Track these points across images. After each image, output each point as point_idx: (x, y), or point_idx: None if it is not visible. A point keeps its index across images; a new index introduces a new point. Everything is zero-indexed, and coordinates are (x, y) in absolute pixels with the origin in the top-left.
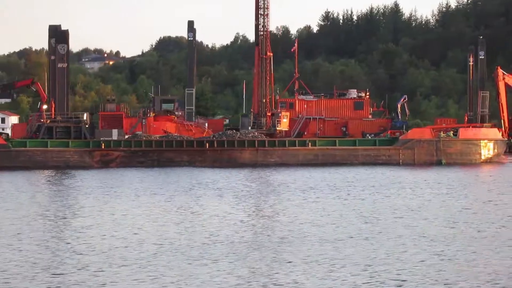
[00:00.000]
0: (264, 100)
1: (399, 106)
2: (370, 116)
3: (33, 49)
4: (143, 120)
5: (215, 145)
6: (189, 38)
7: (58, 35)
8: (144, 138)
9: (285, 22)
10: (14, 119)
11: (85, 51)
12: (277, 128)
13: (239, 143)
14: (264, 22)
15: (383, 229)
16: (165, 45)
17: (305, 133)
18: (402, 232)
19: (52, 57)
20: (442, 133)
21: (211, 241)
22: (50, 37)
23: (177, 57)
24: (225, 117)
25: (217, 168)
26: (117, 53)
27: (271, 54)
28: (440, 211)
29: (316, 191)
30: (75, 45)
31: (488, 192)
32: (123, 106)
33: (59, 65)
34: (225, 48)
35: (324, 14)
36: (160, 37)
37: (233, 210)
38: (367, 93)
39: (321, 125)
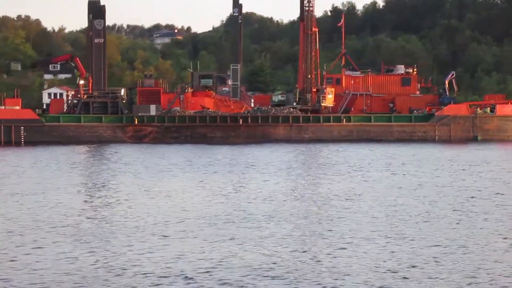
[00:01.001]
0: (309, 76)
1: (446, 82)
2: (417, 92)
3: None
4: (181, 96)
5: (249, 121)
6: (234, 14)
7: (95, 10)
8: (177, 113)
9: None
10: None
11: (157, 27)
12: (322, 104)
13: (273, 119)
14: None
15: None
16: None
17: (352, 109)
18: None
19: (90, 33)
20: (478, 109)
21: None
22: (88, 13)
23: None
24: (283, 92)
25: (251, 143)
26: (188, 28)
27: (316, 29)
28: None
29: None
30: (147, 21)
31: None
32: (161, 81)
33: (96, 40)
34: (291, 24)
35: None
36: (231, 13)
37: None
38: (415, 69)
39: (368, 101)
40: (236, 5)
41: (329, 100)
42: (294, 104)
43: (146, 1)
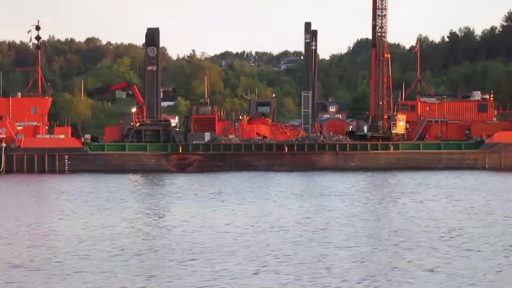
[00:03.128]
0: (380, 103)
1: None
2: (494, 119)
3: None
4: (236, 123)
5: (295, 148)
6: (306, 40)
7: (148, 37)
8: (223, 141)
9: (467, 23)
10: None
11: (284, 54)
12: (393, 131)
13: (319, 147)
14: (382, 23)
15: None
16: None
17: (427, 136)
18: None
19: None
20: None
21: None
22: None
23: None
24: None
25: (295, 172)
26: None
27: (389, 55)
28: None
29: None
30: (275, 48)
31: None
32: (217, 109)
33: (149, 68)
34: (407, 50)
35: (507, 15)
36: (358, 39)
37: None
38: (491, 95)
39: (444, 128)
40: (308, 31)
41: (400, 127)
42: (365, 131)
43: (275, 28)
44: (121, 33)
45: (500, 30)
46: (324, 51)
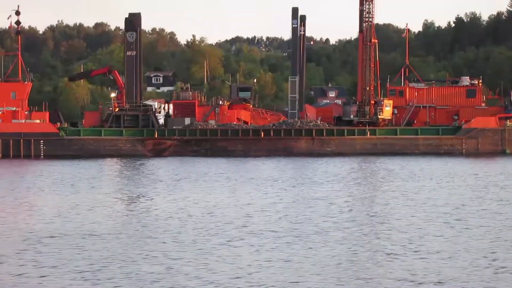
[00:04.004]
0: (367, 88)
1: (511, 93)
2: (483, 104)
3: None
4: (216, 109)
5: (271, 134)
6: (293, 25)
7: (127, 22)
8: (199, 126)
9: (474, 8)
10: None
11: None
12: (379, 117)
13: (296, 132)
14: (369, 8)
15: None
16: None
17: (415, 121)
18: None
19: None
20: (508, 122)
21: None
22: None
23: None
24: None
25: (272, 157)
26: (327, 40)
27: (376, 41)
28: None
29: None
30: (287, 33)
31: None
32: (197, 94)
33: (128, 53)
34: (416, 35)
35: None
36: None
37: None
38: (480, 81)
39: (432, 113)
40: (295, 16)
41: (386, 112)
42: (352, 116)
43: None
44: None
45: (506, 15)
46: (335, 35)
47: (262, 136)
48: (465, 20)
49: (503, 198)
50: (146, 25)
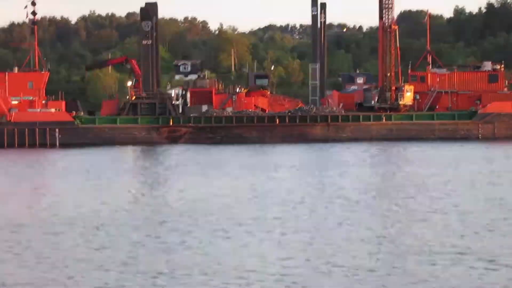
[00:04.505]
0: (388, 74)
1: None
2: (505, 89)
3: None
4: (233, 96)
5: (287, 120)
6: (313, 13)
7: (142, 12)
8: (214, 114)
9: None
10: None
11: (329, 26)
12: (400, 102)
13: (311, 118)
14: None
15: None
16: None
17: (437, 106)
18: None
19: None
20: None
21: None
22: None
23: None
24: None
25: (287, 144)
26: (360, 28)
27: (396, 27)
28: None
29: None
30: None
31: None
32: (215, 82)
33: (144, 42)
34: (448, 21)
35: None
36: (401, 11)
37: None
38: (502, 66)
39: (454, 99)
40: (315, 3)
41: (407, 98)
42: (373, 102)
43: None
44: (164, 6)
45: None
46: (367, 22)
47: (277, 123)
48: (496, 6)
49: None
50: (178, 13)
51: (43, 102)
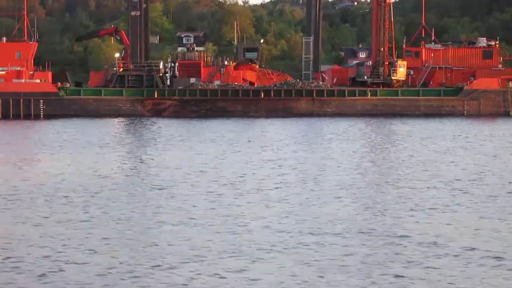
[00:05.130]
0: (381, 49)
1: None
2: (500, 66)
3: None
4: (221, 69)
5: (272, 94)
6: None
7: None
8: (199, 86)
9: None
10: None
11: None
12: (393, 78)
13: (296, 92)
14: None
15: None
16: None
17: (431, 82)
18: None
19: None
20: (511, 83)
21: None
22: None
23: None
24: None
25: (272, 118)
26: (370, 1)
27: (391, 1)
28: None
29: None
30: None
31: None
32: (204, 54)
33: (132, 13)
34: None
35: None
36: None
37: None
38: (497, 42)
39: (448, 74)
40: None
41: (400, 73)
42: (365, 77)
43: None
44: None
45: None
46: None
47: (262, 96)
48: None
49: None
50: None
51: (31, 72)
